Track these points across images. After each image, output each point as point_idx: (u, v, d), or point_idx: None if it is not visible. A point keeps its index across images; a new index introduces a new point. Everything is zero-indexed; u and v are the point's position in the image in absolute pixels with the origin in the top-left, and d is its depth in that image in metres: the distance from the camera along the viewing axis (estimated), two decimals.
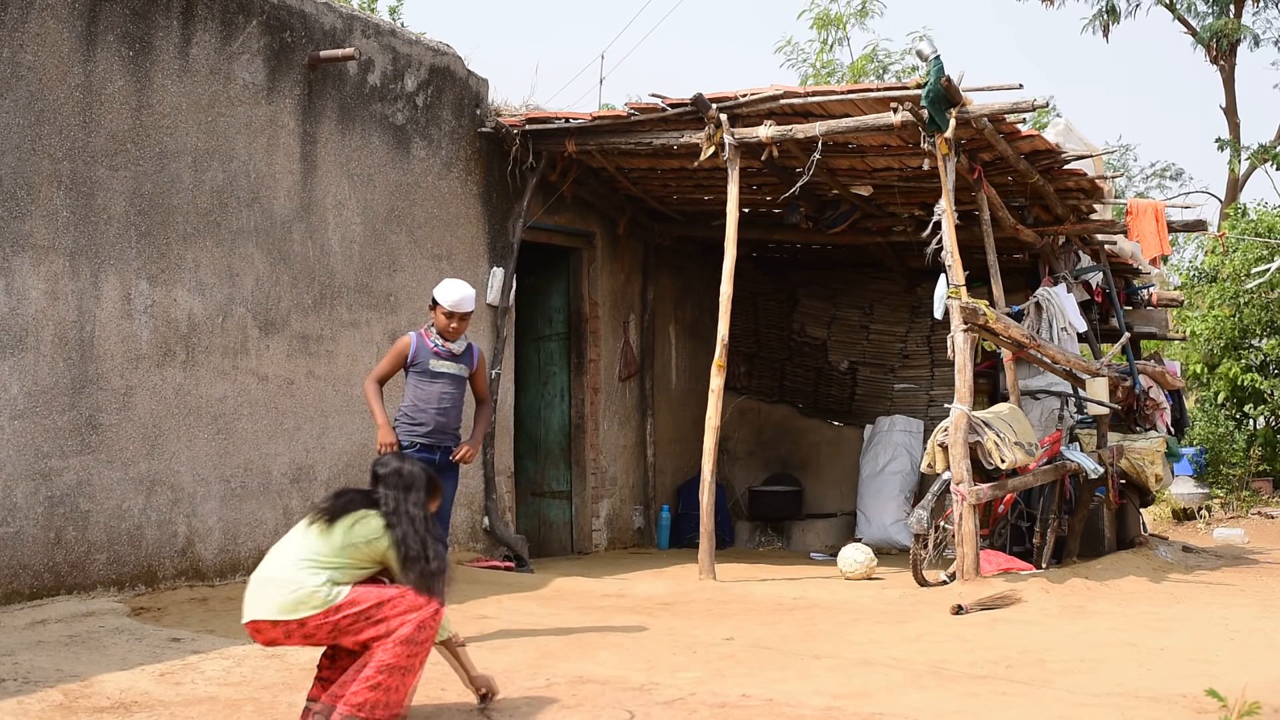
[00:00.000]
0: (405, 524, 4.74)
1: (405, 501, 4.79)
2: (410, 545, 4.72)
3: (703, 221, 12.27)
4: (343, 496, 4.84)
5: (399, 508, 4.77)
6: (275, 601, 4.63)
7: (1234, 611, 7.88)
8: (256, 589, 4.70)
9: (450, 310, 6.71)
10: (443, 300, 6.72)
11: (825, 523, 12.51)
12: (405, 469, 4.88)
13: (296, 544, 4.73)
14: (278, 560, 4.73)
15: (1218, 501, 16.23)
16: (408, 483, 4.84)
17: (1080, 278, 11.36)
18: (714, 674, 5.88)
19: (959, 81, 8.42)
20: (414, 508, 4.79)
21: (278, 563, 4.72)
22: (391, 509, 4.76)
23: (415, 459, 5.02)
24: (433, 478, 4.96)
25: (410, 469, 4.88)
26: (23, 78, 6.96)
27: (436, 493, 4.97)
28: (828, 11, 22.99)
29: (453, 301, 6.70)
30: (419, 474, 4.89)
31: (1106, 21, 25.65)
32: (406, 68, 9.48)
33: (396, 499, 4.79)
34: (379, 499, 4.80)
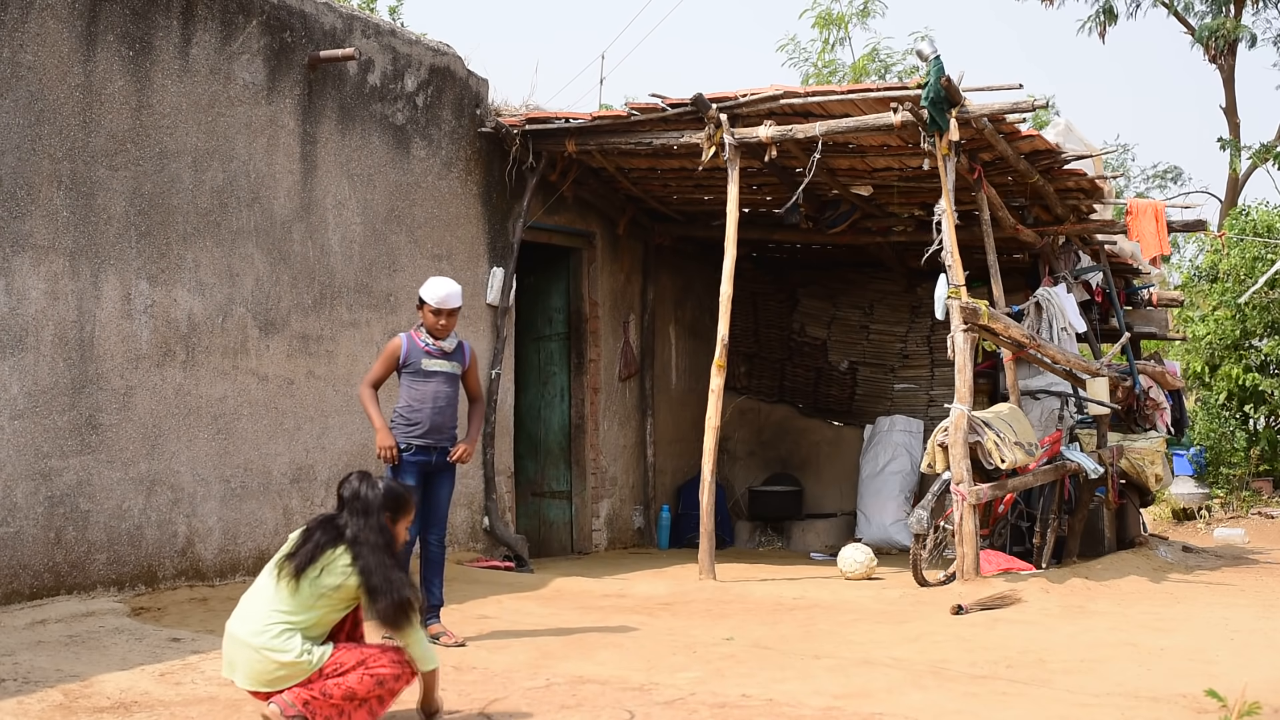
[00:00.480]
0: (367, 554, 4.59)
1: (365, 528, 4.63)
2: (373, 578, 4.56)
3: (703, 221, 12.27)
4: (309, 540, 4.67)
5: (359, 535, 4.63)
6: (256, 674, 4.57)
7: (1234, 611, 7.88)
8: (234, 649, 4.63)
9: (437, 307, 6.71)
10: (429, 298, 6.72)
11: (825, 523, 12.51)
12: (364, 491, 4.72)
13: (266, 602, 4.61)
14: (250, 619, 4.62)
15: (1218, 501, 16.23)
16: (365, 506, 4.69)
17: (1080, 278, 11.36)
18: (714, 674, 5.88)
19: (959, 81, 8.43)
20: (373, 534, 4.63)
21: (250, 622, 4.61)
22: (352, 538, 4.63)
23: (384, 477, 4.85)
24: (400, 495, 4.79)
25: (369, 492, 4.72)
26: (23, 78, 6.96)
27: (405, 510, 4.81)
28: (829, 11, 22.99)
29: (439, 298, 6.70)
30: (378, 497, 4.72)
31: (1104, 23, 25.64)
32: (406, 68, 9.48)
33: (356, 527, 4.65)
34: (343, 527, 4.67)
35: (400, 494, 4.82)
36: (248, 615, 4.63)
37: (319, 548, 4.62)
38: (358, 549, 4.59)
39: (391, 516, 4.74)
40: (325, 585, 4.58)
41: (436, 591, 6.75)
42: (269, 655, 4.53)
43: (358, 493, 4.71)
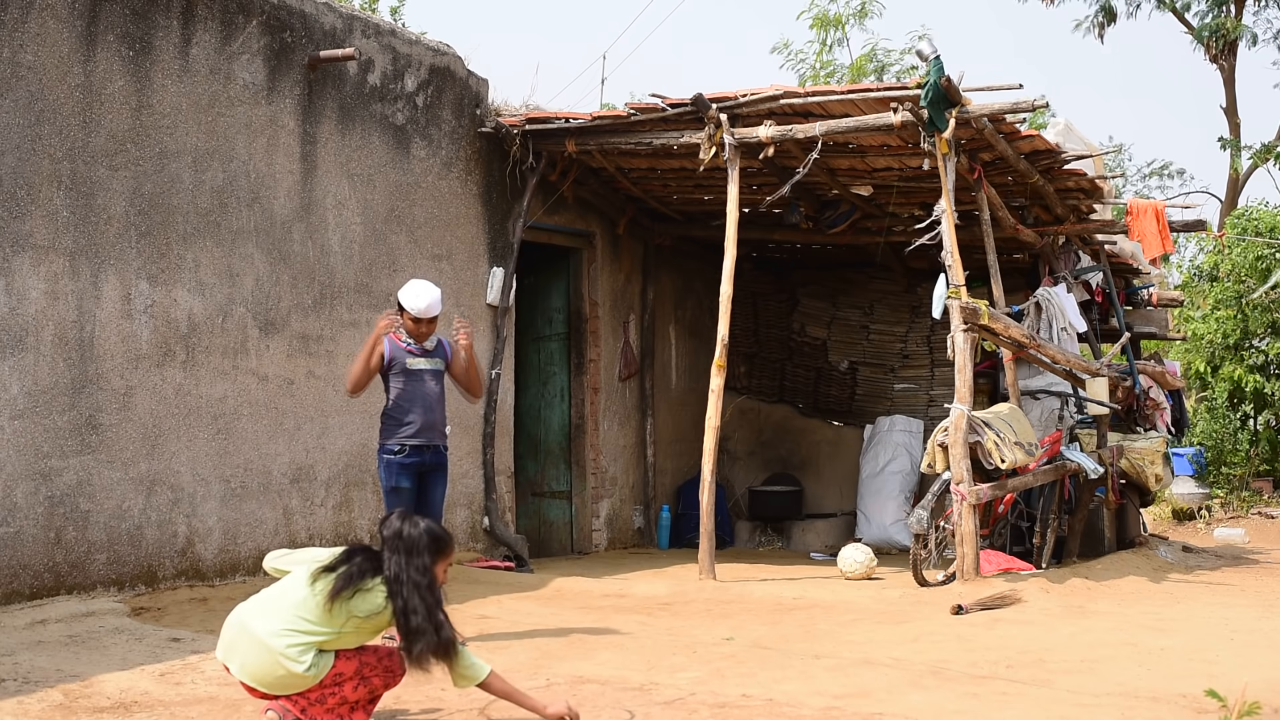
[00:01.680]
0: (408, 593, 4.51)
1: (408, 567, 4.55)
2: (411, 619, 4.50)
3: (703, 221, 12.27)
4: (350, 562, 4.60)
5: (400, 574, 4.54)
6: (260, 673, 4.52)
7: (1234, 611, 7.88)
8: (243, 640, 4.55)
9: (417, 317, 6.73)
10: (409, 307, 6.72)
11: (825, 523, 12.51)
12: (407, 531, 4.62)
13: (294, 607, 4.55)
14: (270, 617, 4.55)
15: (1218, 501, 16.22)
16: (409, 546, 4.59)
17: (1080, 278, 11.36)
18: (714, 674, 5.88)
19: (959, 81, 8.43)
20: (415, 574, 4.54)
21: (270, 621, 4.53)
22: (393, 576, 4.54)
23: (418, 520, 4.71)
24: (441, 537, 4.69)
25: (412, 531, 4.62)
26: (23, 78, 6.96)
27: (445, 552, 4.72)
28: (826, 12, 23.02)
29: (419, 308, 6.72)
30: (422, 536, 4.62)
31: (1102, 22, 25.63)
32: (406, 68, 9.48)
33: (398, 566, 4.55)
34: (383, 562, 4.59)
35: (441, 536, 4.69)
36: (268, 612, 4.56)
37: (360, 573, 4.54)
38: (397, 587, 4.51)
39: (432, 558, 4.63)
40: (358, 609, 4.53)
41: None
42: (282, 661, 4.49)
43: (400, 532, 4.60)
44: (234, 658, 4.60)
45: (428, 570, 4.57)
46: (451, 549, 4.76)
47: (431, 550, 4.61)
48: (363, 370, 6.74)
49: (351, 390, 6.83)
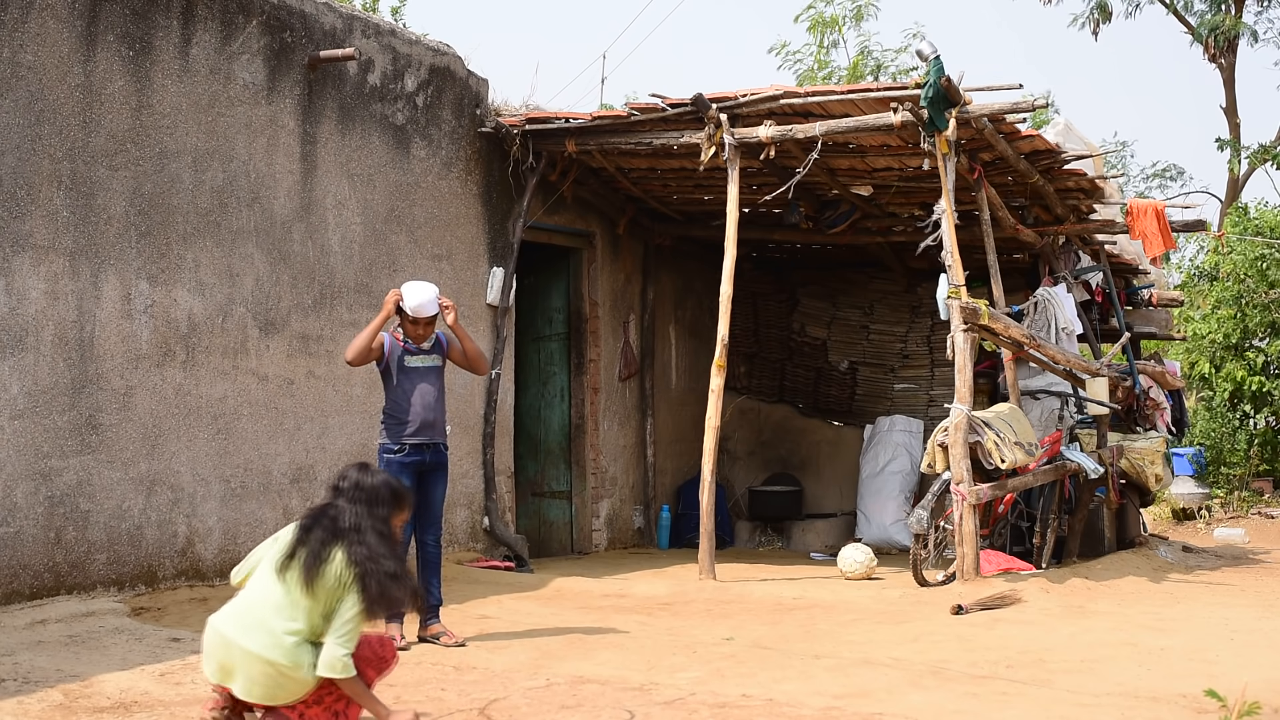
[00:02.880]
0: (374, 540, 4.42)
1: (369, 518, 4.46)
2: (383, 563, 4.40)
3: (703, 221, 12.27)
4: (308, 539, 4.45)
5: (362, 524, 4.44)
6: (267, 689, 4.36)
7: (1234, 611, 7.88)
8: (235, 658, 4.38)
9: (415, 318, 6.75)
10: (406, 307, 6.76)
11: (825, 523, 12.50)
12: (367, 481, 4.56)
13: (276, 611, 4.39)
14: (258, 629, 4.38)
15: (1218, 501, 16.23)
16: (370, 496, 4.52)
17: (1080, 278, 11.36)
18: (714, 674, 5.88)
19: (959, 81, 8.43)
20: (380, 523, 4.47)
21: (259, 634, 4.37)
22: (354, 525, 4.44)
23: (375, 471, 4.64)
24: (398, 490, 4.63)
25: (372, 480, 4.56)
26: (23, 78, 6.96)
27: (402, 505, 4.65)
28: (823, 15, 23.06)
29: (413, 306, 6.74)
30: (381, 487, 4.56)
31: (1097, 20, 25.63)
32: (406, 68, 9.48)
33: (358, 516, 4.46)
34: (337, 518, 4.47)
35: (397, 488, 4.64)
36: (257, 625, 4.40)
37: (322, 544, 4.44)
38: (358, 537, 4.43)
39: (390, 509, 4.58)
40: (329, 583, 4.40)
41: (435, 591, 6.76)
42: (287, 673, 4.35)
43: (358, 483, 4.55)
44: (236, 680, 4.42)
45: (388, 520, 4.52)
46: (407, 501, 4.70)
47: (390, 502, 4.56)
48: (365, 343, 6.75)
49: (350, 358, 6.82)
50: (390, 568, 4.43)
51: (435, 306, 6.79)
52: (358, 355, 6.78)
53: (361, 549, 4.41)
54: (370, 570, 4.38)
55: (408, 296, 6.77)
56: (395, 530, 4.62)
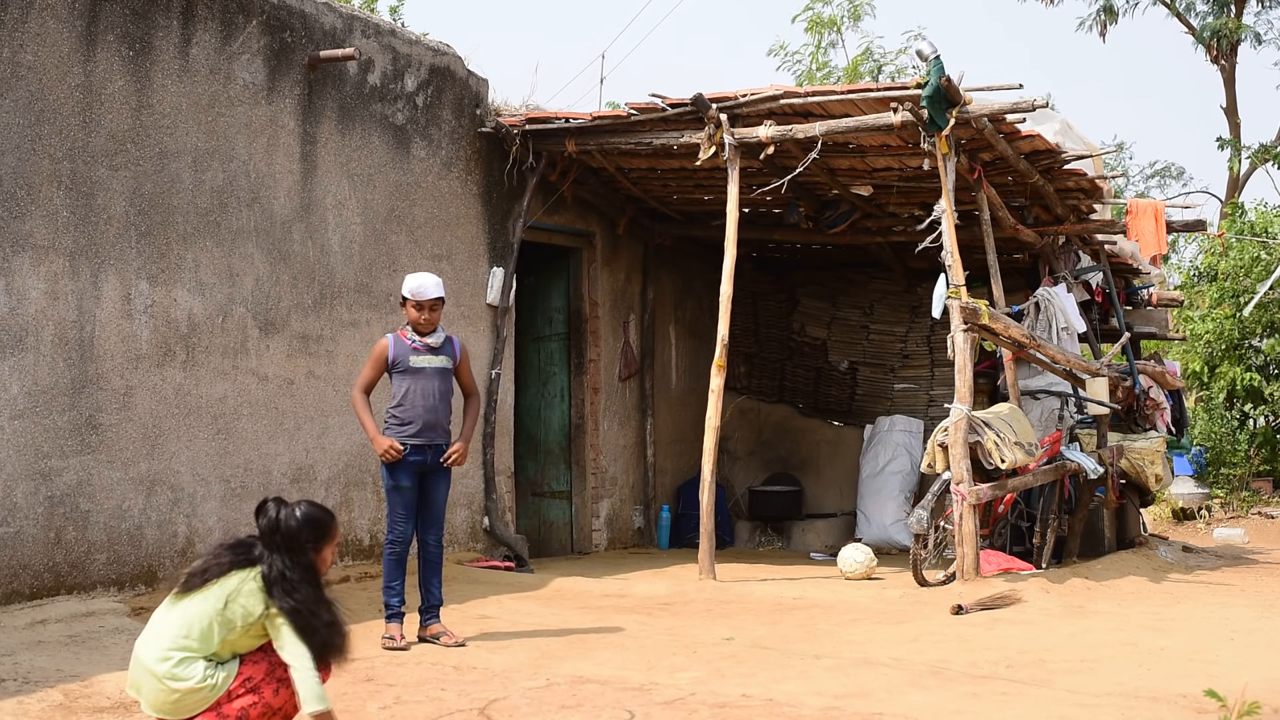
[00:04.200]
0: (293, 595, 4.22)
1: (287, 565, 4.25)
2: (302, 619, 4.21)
3: (703, 221, 12.27)
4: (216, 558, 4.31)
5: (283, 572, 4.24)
6: (159, 702, 4.23)
7: (1234, 611, 7.88)
8: (138, 673, 4.28)
9: (418, 301, 6.69)
10: (408, 292, 6.73)
11: (825, 523, 12.51)
12: (284, 521, 4.30)
13: (169, 626, 4.26)
14: (153, 643, 4.26)
15: (1218, 501, 16.23)
16: (289, 542, 4.29)
17: (1080, 278, 11.36)
18: (714, 674, 5.88)
19: (959, 81, 8.43)
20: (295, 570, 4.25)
21: (153, 647, 4.25)
22: (275, 577, 4.24)
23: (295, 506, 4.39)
24: (320, 520, 4.40)
25: (289, 520, 4.31)
26: (23, 78, 6.96)
27: (327, 535, 4.42)
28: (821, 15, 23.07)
29: (413, 289, 6.69)
30: (301, 527, 4.32)
31: (1104, 21, 25.63)
32: (406, 68, 9.48)
33: (279, 564, 4.26)
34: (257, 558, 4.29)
35: (320, 518, 4.39)
36: (152, 639, 4.28)
37: (222, 567, 4.28)
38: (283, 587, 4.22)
39: (314, 544, 4.36)
40: (234, 613, 4.23)
41: (435, 591, 6.75)
42: (169, 684, 4.20)
43: (276, 523, 4.30)
44: (140, 694, 4.31)
45: (311, 566, 4.31)
46: (333, 530, 4.45)
47: (314, 539, 4.35)
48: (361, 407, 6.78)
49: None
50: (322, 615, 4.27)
51: (438, 289, 6.73)
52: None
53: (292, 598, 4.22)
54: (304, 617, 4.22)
55: (407, 281, 6.76)
56: (323, 561, 4.41)
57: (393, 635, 6.51)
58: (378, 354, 6.76)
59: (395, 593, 6.64)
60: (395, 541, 6.67)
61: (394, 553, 6.67)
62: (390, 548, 6.68)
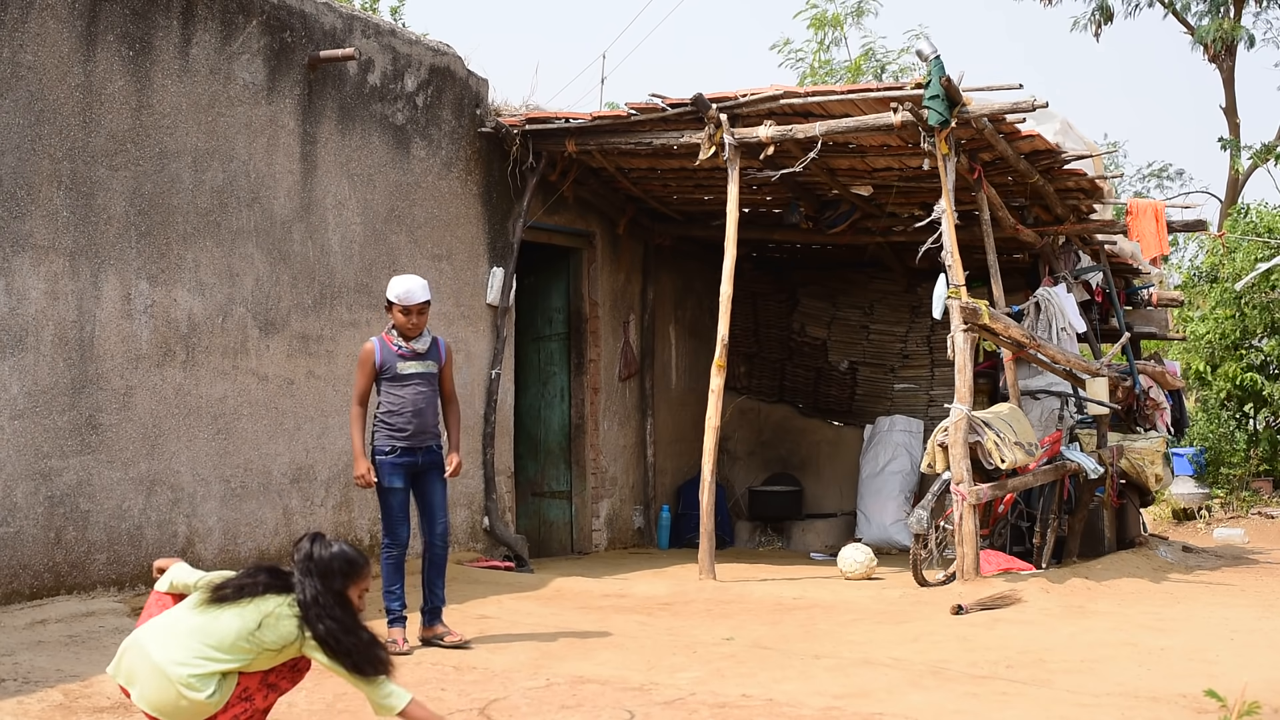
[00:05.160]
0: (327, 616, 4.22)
1: (321, 591, 4.25)
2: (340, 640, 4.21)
3: (703, 221, 12.27)
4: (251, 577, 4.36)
5: (317, 598, 4.24)
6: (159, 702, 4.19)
7: (1234, 611, 7.88)
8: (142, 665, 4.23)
9: (405, 306, 6.60)
10: (393, 296, 6.61)
11: (825, 523, 12.51)
12: (319, 553, 4.33)
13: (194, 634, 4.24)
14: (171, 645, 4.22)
15: (1218, 501, 16.23)
16: (323, 569, 4.30)
17: (1080, 278, 11.36)
18: (714, 674, 5.88)
19: (959, 81, 8.43)
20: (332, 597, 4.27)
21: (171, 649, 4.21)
22: (309, 600, 4.25)
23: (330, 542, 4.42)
24: (353, 560, 4.40)
25: (323, 553, 4.34)
26: (23, 78, 6.96)
27: (359, 576, 4.41)
28: (824, 13, 23.07)
29: (399, 294, 6.59)
30: (334, 559, 4.34)
31: (1099, 21, 25.63)
32: (406, 68, 9.48)
33: (314, 589, 4.26)
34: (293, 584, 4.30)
35: (354, 558, 4.40)
36: (169, 639, 4.25)
37: (259, 586, 4.31)
38: (316, 611, 4.24)
39: (345, 579, 4.35)
40: (265, 639, 4.23)
41: (439, 592, 6.73)
42: (183, 690, 4.15)
43: (311, 554, 4.33)
44: (135, 686, 4.27)
45: (342, 595, 4.32)
46: (366, 573, 4.45)
47: (344, 574, 4.34)
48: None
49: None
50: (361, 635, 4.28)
51: (425, 293, 6.64)
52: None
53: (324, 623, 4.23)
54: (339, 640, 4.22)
55: (392, 285, 6.67)
56: (355, 599, 4.40)
57: (395, 640, 6.49)
58: (365, 359, 6.65)
59: (396, 596, 6.62)
60: (392, 545, 6.65)
61: (391, 556, 6.65)
62: (387, 551, 6.65)
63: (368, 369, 6.66)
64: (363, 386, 6.70)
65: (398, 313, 6.62)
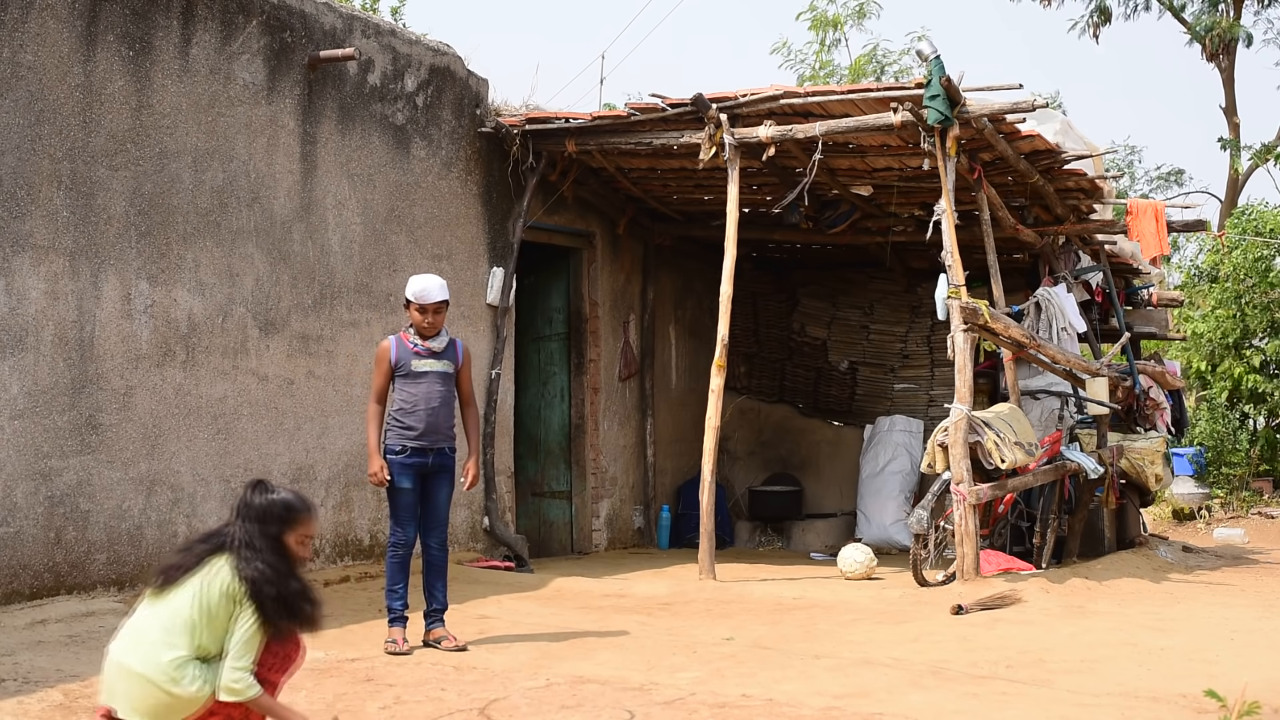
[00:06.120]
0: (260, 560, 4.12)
1: (258, 535, 4.16)
2: (266, 587, 4.10)
3: (703, 221, 12.27)
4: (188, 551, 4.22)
5: (251, 541, 4.16)
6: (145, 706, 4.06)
7: (1234, 611, 7.88)
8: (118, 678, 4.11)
9: (421, 304, 6.61)
10: (411, 295, 6.64)
11: (825, 523, 12.51)
12: (256, 500, 4.25)
13: (154, 627, 4.11)
14: (138, 646, 4.11)
15: (1218, 501, 16.24)
16: (259, 514, 4.21)
17: (1080, 278, 11.36)
18: (714, 674, 5.88)
19: (959, 81, 8.43)
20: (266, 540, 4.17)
21: (138, 650, 4.09)
22: (242, 542, 4.16)
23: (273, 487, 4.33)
24: (291, 505, 4.30)
25: (260, 500, 4.25)
26: (23, 78, 6.96)
27: (297, 522, 4.30)
28: (825, 14, 23.08)
29: (416, 292, 6.61)
30: (272, 504, 4.25)
31: (1096, 23, 25.63)
32: (406, 68, 9.49)
33: (246, 533, 4.18)
34: (226, 536, 4.20)
35: (293, 503, 4.30)
36: (135, 643, 4.13)
37: (198, 556, 4.18)
38: (247, 554, 4.14)
39: (283, 526, 4.25)
40: (211, 596, 4.11)
41: (440, 595, 6.72)
42: (166, 687, 4.04)
43: (246, 500, 4.24)
44: (117, 700, 4.14)
45: (278, 539, 4.23)
46: (306, 518, 4.33)
47: (282, 519, 4.25)
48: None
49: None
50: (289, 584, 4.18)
51: (442, 292, 6.66)
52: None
53: (253, 565, 4.15)
54: (263, 585, 4.13)
55: (410, 284, 6.70)
56: (295, 547, 4.32)
57: (395, 639, 6.49)
58: (381, 356, 6.69)
59: (398, 596, 6.61)
60: (398, 544, 6.65)
61: (396, 555, 6.65)
62: (393, 550, 6.65)
63: (384, 367, 6.67)
64: (379, 385, 6.70)
65: (414, 311, 6.64)
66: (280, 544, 4.24)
